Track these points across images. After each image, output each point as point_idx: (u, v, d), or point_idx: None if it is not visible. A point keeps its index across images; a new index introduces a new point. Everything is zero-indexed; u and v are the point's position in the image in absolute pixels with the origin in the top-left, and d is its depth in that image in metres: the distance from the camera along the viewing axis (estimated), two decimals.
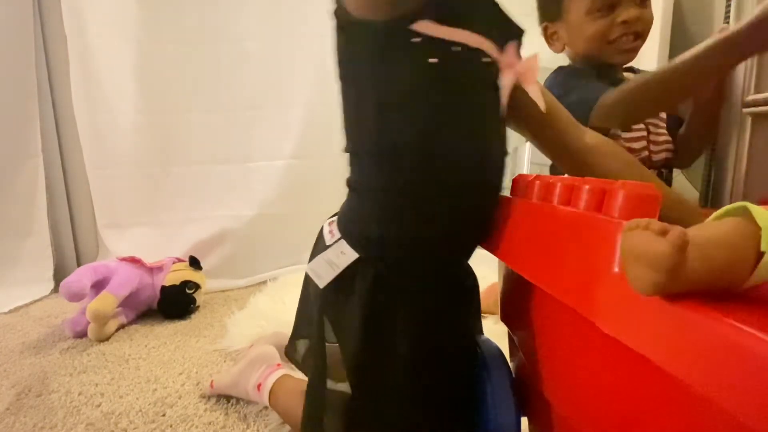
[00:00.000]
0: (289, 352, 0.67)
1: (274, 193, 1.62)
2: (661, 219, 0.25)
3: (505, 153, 0.52)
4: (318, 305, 0.55)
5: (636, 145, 0.77)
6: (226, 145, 1.59)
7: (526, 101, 0.52)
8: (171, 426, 0.74)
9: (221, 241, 1.57)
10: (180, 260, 1.37)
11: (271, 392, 0.73)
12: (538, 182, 0.43)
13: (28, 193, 1.48)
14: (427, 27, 0.42)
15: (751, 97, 0.63)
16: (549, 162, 0.68)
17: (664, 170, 0.80)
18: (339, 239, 0.52)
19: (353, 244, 0.51)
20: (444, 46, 0.43)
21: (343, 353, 0.52)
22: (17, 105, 1.44)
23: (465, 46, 0.43)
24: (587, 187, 0.33)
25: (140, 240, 1.51)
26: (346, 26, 0.46)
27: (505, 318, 0.56)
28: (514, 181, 0.50)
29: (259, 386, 0.75)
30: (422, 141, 0.46)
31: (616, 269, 0.27)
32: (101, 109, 1.48)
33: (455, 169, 0.47)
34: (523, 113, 0.54)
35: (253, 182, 1.61)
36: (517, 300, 0.51)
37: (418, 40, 0.42)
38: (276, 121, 1.60)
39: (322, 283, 0.52)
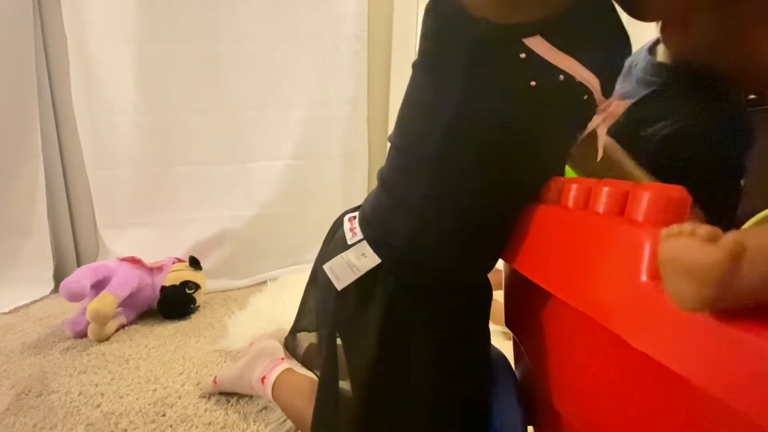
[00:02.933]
0: (289, 344, 0.66)
1: (274, 193, 1.63)
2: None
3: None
4: (332, 306, 0.52)
5: None
6: (226, 145, 1.59)
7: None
8: (171, 426, 0.74)
9: (221, 241, 1.57)
10: (180, 260, 1.37)
11: (274, 385, 0.73)
12: (551, 184, 0.41)
13: (28, 193, 1.48)
14: (539, 45, 0.38)
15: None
16: None
17: None
18: (361, 240, 0.50)
19: (376, 248, 0.49)
20: (549, 71, 0.39)
21: (358, 358, 0.50)
22: (17, 105, 1.44)
23: (570, 78, 0.40)
24: (607, 189, 0.31)
25: (140, 240, 1.51)
26: (450, 15, 0.41)
27: (511, 324, 0.55)
28: None
29: (263, 379, 0.75)
30: (491, 160, 0.43)
31: (644, 278, 0.24)
32: (101, 109, 1.48)
33: (512, 196, 0.45)
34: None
35: (253, 182, 1.61)
36: (523, 305, 0.49)
37: (523, 56, 0.38)
38: (276, 121, 1.60)
39: (340, 285, 0.50)
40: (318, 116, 1.63)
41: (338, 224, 0.56)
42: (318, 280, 0.59)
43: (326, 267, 0.52)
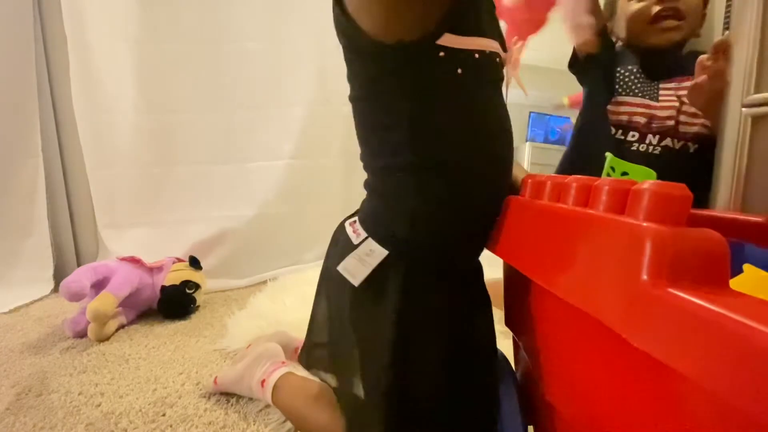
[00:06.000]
0: (303, 361, 0.66)
1: (274, 193, 1.63)
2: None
3: (512, 143, 0.55)
4: (347, 308, 0.54)
5: (662, 113, 0.83)
6: (226, 145, 1.59)
7: None
8: (171, 426, 0.74)
9: (221, 241, 1.57)
10: (180, 260, 1.37)
11: (274, 389, 0.73)
12: (550, 182, 0.41)
13: (28, 193, 1.48)
14: (450, 40, 0.43)
15: (751, 97, 0.63)
16: (549, 162, 0.67)
17: (691, 144, 0.82)
18: (366, 238, 0.52)
19: (381, 243, 0.51)
20: (466, 55, 0.45)
21: (377, 352, 0.51)
22: (17, 105, 1.44)
23: (483, 52, 0.46)
24: (607, 187, 0.31)
25: (140, 240, 1.51)
26: (368, 51, 0.47)
27: (510, 323, 0.55)
28: (523, 182, 0.48)
29: (263, 382, 0.75)
30: (457, 147, 0.48)
31: (645, 276, 0.24)
32: (101, 109, 1.48)
33: (486, 172, 0.50)
34: None
35: (253, 182, 1.61)
36: (522, 304, 0.49)
37: (443, 54, 0.44)
38: (276, 121, 1.60)
39: (356, 282, 0.52)
40: (318, 116, 1.63)
41: (338, 233, 0.58)
42: (325, 291, 0.60)
43: (340, 267, 0.53)
